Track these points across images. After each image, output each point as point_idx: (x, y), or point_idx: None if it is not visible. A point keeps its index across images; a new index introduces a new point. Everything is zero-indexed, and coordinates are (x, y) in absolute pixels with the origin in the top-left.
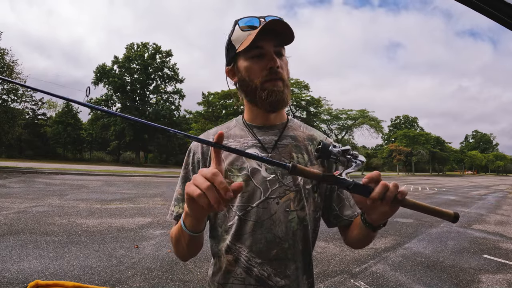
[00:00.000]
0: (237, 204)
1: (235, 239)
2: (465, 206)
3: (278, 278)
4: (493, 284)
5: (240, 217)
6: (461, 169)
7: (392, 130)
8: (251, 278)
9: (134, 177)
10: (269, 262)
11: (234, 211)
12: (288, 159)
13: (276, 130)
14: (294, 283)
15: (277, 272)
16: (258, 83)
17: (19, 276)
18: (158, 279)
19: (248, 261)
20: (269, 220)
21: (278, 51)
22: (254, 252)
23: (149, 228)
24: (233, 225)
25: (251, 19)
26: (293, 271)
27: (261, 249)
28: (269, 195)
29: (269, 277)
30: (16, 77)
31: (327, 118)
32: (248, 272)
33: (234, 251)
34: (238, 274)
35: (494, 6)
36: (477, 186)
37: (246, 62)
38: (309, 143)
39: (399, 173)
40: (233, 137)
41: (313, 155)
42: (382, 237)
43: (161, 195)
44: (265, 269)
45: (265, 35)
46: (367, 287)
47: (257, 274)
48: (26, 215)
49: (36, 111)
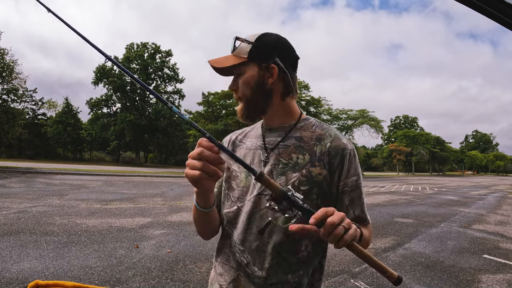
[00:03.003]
0: (238, 196)
1: (229, 225)
2: (465, 206)
3: (256, 268)
4: (493, 284)
5: (238, 207)
6: (461, 169)
7: (392, 130)
8: (234, 262)
9: (134, 177)
10: (249, 252)
11: (234, 201)
12: (286, 160)
13: (282, 132)
14: (274, 277)
15: (256, 262)
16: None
17: (19, 276)
18: (158, 279)
19: (234, 247)
20: (258, 215)
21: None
22: (239, 240)
23: (149, 228)
24: (230, 213)
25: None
26: (272, 265)
27: (245, 239)
28: (262, 191)
29: (247, 265)
30: (16, 77)
31: (327, 118)
32: (233, 257)
33: (228, 237)
34: (228, 256)
35: (494, 6)
36: (477, 186)
37: None
38: (316, 144)
39: (399, 173)
40: (250, 137)
41: (318, 157)
42: (382, 237)
43: (161, 195)
44: (245, 256)
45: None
46: (367, 287)
47: (237, 260)
48: (26, 215)
49: (36, 111)
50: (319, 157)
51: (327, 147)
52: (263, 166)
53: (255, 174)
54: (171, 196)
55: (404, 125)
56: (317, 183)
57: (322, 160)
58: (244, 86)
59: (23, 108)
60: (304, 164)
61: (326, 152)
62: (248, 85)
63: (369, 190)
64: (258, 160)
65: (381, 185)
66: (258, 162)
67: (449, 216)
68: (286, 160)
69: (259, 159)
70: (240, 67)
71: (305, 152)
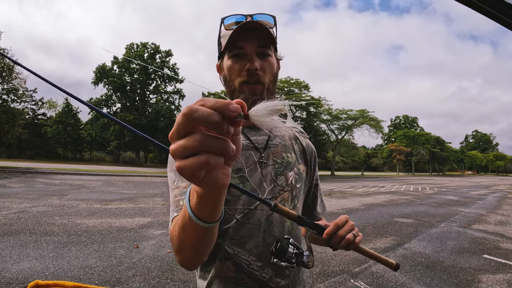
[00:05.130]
0: (236, 207)
1: (233, 243)
2: (465, 206)
3: (279, 279)
4: (493, 284)
5: (238, 220)
6: (461, 169)
7: (392, 130)
8: (253, 282)
9: (134, 177)
10: (269, 265)
11: (232, 214)
12: (279, 159)
13: (266, 130)
14: (293, 281)
15: (278, 273)
16: (237, 84)
17: (19, 276)
18: (158, 279)
19: (250, 265)
20: (267, 222)
21: (262, 51)
22: (254, 256)
23: (149, 228)
24: (230, 229)
25: (237, 16)
26: (291, 270)
27: (262, 252)
28: (266, 196)
29: (270, 279)
30: (16, 77)
31: (327, 118)
32: (250, 277)
33: (233, 257)
34: (240, 279)
35: (494, 6)
36: (477, 186)
37: (228, 61)
38: (294, 142)
39: (399, 173)
40: None
41: (299, 154)
42: (382, 237)
43: (161, 195)
44: (266, 271)
45: (247, 34)
46: (367, 287)
47: (259, 278)
48: (26, 215)
49: (36, 111)
50: (299, 154)
51: (304, 145)
52: (261, 167)
53: (270, 206)
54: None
55: (404, 125)
56: (303, 179)
57: (302, 158)
58: (269, 70)
59: (23, 108)
60: (294, 162)
61: (303, 150)
62: (272, 71)
63: (369, 190)
64: (252, 161)
65: (381, 185)
66: (253, 163)
67: (449, 216)
68: (280, 160)
69: (253, 160)
70: (271, 46)
71: (290, 151)
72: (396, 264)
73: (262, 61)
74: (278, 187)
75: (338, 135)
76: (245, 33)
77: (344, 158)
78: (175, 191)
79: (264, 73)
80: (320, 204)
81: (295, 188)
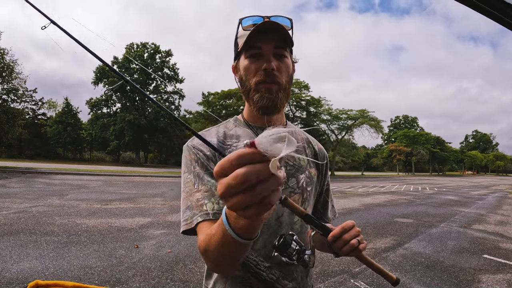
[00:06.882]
0: None
1: None
2: (465, 206)
3: (286, 281)
4: (493, 284)
5: None
6: (461, 169)
7: (392, 130)
8: (260, 283)
9: (134, 177)
10: (277, 266)
11: None
12: (291, 161)
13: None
14: (300, 285)
15: (285, 275)
16: (253, 83)
17: (19, 276)
18: (158, 279)
19: (257, 265)
20: (277, 223)
21: (279, 52)
22: (262, 256)
23: (149, 228)
24: None
25: (254, 18)
26: (299, 273)
27: (269, 253)
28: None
29: (277, 281)
30: (16, 77)
31: (327, 118)
32: (256, 277)
33: None
34: (246, 279)
35: (494, 6)
36: (477, 186)
37: (245, 61)
38: (306, 146)
39: (399, 173)
40: (236, 137)
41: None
42: (382, 237)
43: (161, 195)
44: (273, 272)
45: (265, 35)
46: (367, 287)
47: (266, 279)
48: (26, 215)
49: (36, 111)
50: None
51: (316, 150)
52: None
53: (280, 199)
54: (171, 196)
55: (404, 125)
56: (314, 183)
57: (314, 162)
58: (285, 71)
59: (23, 108)
60: (305, 165)
61: (315, 154)
62: (287, 72)
63: (369, 190)
64: None
65: (381, 185)
66: None
67: (449, 216)
68: (292, 162)
69: None
70: (287, 48)
71: (302, 154)
72: (396, 279)
73: (278, 61)
74: (289, 189)
75: (338, 135)
76: (263, 34)
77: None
78: (196, 195)
79: (281, 74)
80: (331, 210)
81: (305, 191)
